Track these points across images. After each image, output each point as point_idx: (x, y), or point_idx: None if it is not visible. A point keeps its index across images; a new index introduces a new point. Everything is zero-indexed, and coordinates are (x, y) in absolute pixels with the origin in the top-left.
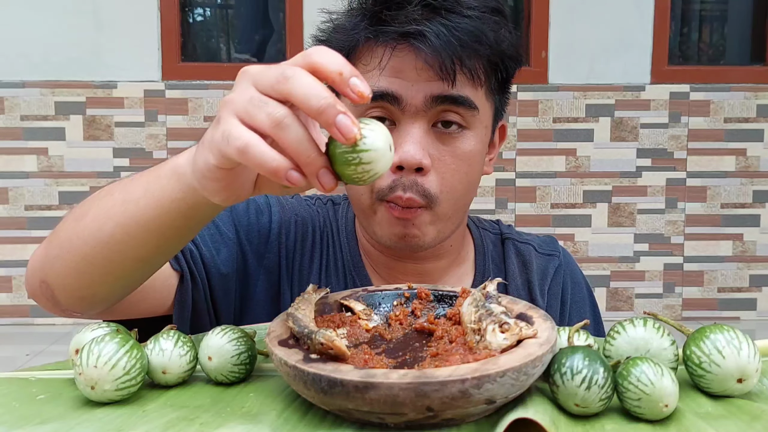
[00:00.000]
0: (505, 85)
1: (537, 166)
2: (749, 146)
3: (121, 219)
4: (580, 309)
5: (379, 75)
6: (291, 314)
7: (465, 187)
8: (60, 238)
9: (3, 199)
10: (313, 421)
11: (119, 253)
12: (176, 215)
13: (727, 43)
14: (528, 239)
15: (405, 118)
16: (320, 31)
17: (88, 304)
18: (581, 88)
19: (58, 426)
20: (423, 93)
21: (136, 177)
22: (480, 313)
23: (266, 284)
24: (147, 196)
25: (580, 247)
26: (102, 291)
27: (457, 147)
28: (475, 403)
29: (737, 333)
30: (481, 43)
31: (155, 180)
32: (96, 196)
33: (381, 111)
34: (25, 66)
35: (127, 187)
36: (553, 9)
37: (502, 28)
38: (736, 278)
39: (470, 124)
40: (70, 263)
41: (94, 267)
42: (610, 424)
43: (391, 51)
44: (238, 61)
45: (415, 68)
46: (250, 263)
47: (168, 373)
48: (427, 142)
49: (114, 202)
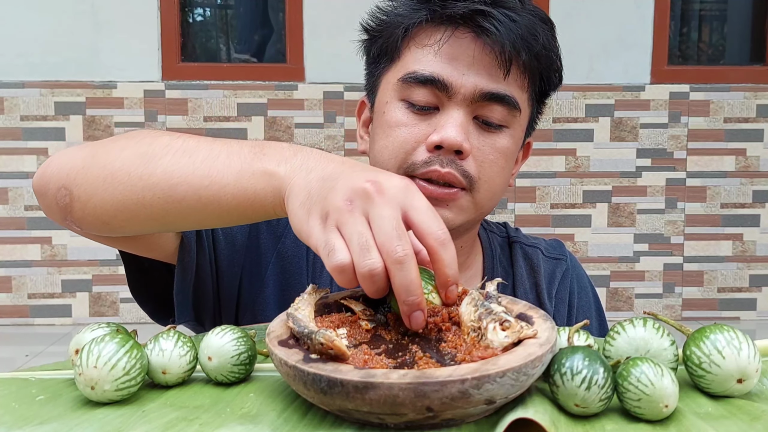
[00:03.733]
0: (543, 99)
1: (537, 166)
2: (749, 146)
3: (202, 192)
4: (587, 313)
5: (434, 57)
6: (291, 314)
7: (501, 183)
8: (113, 164)
9: (3, 199)
10: (313, 421)
11: (182, 213)
12: (256, 209)
13: (727, 43)
14: (535, 243)
15: (450, 103)
16: (380, 9)
17: (108, 229)
18: (581, 88)
19: (58, 426)
20: (473, 84)
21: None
22: (480, 312)
23: (278, 269)
24: (238, 188)
25: (580, 247)
26: (133, 227)
27: (496, 141)
28: (475, 404)
29: (737, 333)
30: (537, 41)
31: (249, 178)
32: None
33: (427, 95)
34: (24, 66)
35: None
36: (553, 9)
37: (553, 37)
38: (736, 278)
39: (510, 123)
40: (117, 194)
41: (143, 210)
42: (610, 424)
43: (451, 33)
44: (237, 61)
45: (472, 55)
46: (263, 241)
47: (168, 374)
48: (468, 131)
49: (195, 170)
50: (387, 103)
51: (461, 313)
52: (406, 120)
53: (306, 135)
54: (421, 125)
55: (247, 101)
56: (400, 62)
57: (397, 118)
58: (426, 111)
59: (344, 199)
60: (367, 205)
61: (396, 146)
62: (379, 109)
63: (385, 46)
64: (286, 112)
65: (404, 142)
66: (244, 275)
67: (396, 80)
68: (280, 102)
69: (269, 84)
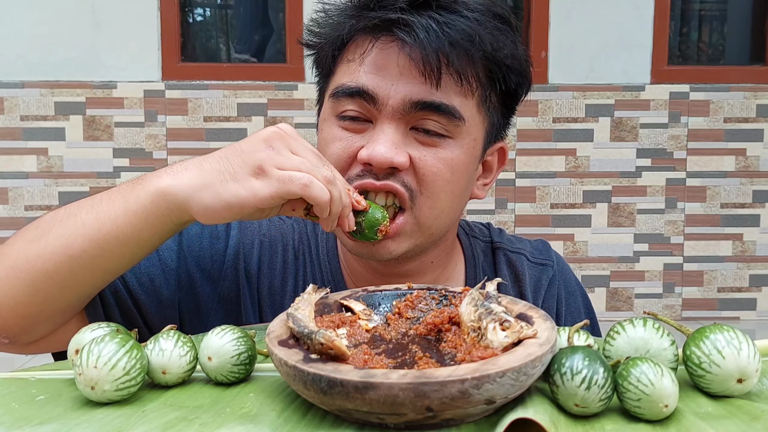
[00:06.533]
0: (507, 102)
1: (537, 166)
2: (749, 146)
3: (97, 235)
4: (576, 318)
5: (359, 68)
6: (291, 314)
7: (449, 198)
8: (9, 259)
9: (3, 199)
10: (313, 421)
11: (87, 266)
12: (157, 231)
13: (727, 43)
14: (520, 248)
15: (381, 117)
16: (314, 22)
17: (31, 323)
18: (581, 88)
19: (58, 426)
20: (402, 95)
21: (104, 196)
22: (480, 312)
23: (223, 313)
24: (127, 214)
25: (579, 247)
26: (53, 307)
27: (438, 151)
28: (475, 404)
29: (737, 333)
30: (474, 44)
31: (135, 200)
32: (51, 220)
33: (356, 110)
34: (24, 66)
35: (97, 207)
36: (552, 9)
37: (503, 35)
38: (736, 278)
39: (454, 134)
40: (24, 281)
41: (54, 281)
42: (610, 424)
43: (374, 42)
44: (237, 61)
45: (397, 64)
46: (201, 291)
47: (168, 374)
48: (404, 143)
49: (83, 221)
50: (324, 120)
51: (461, 313)
52: (340, 135)
53: (306, 135)
54: (355, 138)
55: (247, 101)
56: (334, 78)
57: (332, 135)
58: (359, 122)
59: (266, 148)
60: (285, 143)
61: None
62: (320, 128)
63: (321, 63)
64: (286, 112)
65: (339, 159)
66: (185, 325)
67: (328, 97)
68: (280, 102)
69: (269, 84)
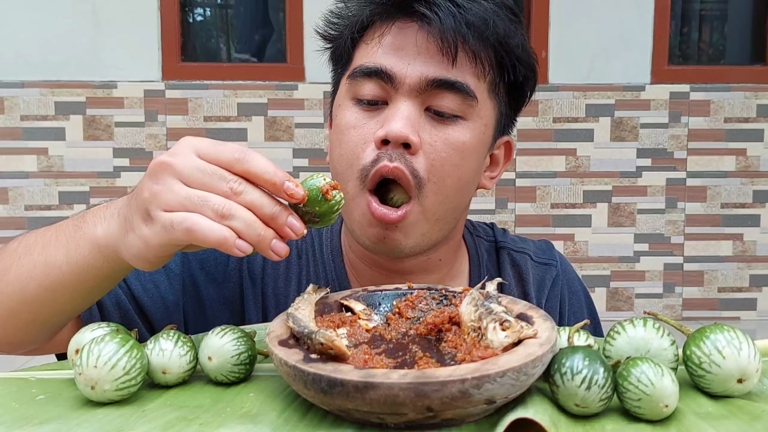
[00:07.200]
0: (514, 94)
1: (537, 166)
2: (749, 146)
3: (46, 282)
4: (579, 319)
5: (377, 50)
6: (291, 314)
7: (455, 183)
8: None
9: (3, 199)
10: (313, 421)
11: (44, 308)
12: (100, 279)
13: (727, 43)
14: (523, 248)
15: (397, 95)
16: (332, 14)
17: (16, 347)
18: (581, 88)
19: (58, 426)
20: (419, 73)
21: (53, 235)
22: (480, 311)
23: (227, 315)
24: (70, 263)
25: (580, 247)
26: (28, 338)
27: (450, 134)
28: (475, 403)
29: (737, 333)
30: (488, 28)
31: (75, 249)
32: (15, 250)
33: (374, 89)
34: (24, 66)
35: (47, 248)
36: (553, 9)
37: (514, 26)
38: (736, 278)
39: (467, 114)
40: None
41: (19, 320)
42: (610, 424)
43: (392, 23)
44: (238, 61)
45: (415, 44)
46: (205, 293)
47: (168, 373)
48: (418, 124)
49: (35, 263)
50: (339, 106)
51: (461, 313)
52: (355, 121)
53: (306, 135)
54: (370, 124)
55: (248, 101)
56: (351, 64)
57: (347, 121)
58: (375, 106)
59: (152, 184)
60: (171, 173)
61: (349, 152)
62: (335, 115)
63: (339, 51)
64: (286, 111)
65: (355, 146)
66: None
67: (345, 79)
68: (281, 102)
69: (269, 84)
